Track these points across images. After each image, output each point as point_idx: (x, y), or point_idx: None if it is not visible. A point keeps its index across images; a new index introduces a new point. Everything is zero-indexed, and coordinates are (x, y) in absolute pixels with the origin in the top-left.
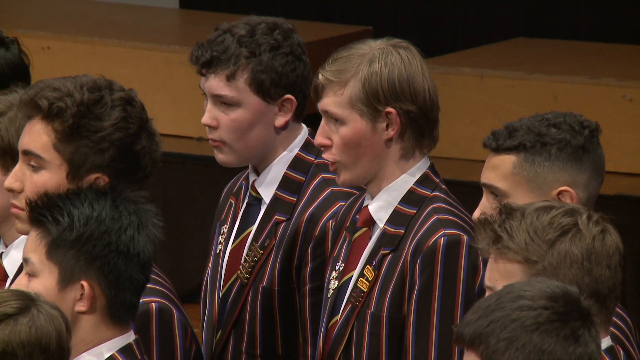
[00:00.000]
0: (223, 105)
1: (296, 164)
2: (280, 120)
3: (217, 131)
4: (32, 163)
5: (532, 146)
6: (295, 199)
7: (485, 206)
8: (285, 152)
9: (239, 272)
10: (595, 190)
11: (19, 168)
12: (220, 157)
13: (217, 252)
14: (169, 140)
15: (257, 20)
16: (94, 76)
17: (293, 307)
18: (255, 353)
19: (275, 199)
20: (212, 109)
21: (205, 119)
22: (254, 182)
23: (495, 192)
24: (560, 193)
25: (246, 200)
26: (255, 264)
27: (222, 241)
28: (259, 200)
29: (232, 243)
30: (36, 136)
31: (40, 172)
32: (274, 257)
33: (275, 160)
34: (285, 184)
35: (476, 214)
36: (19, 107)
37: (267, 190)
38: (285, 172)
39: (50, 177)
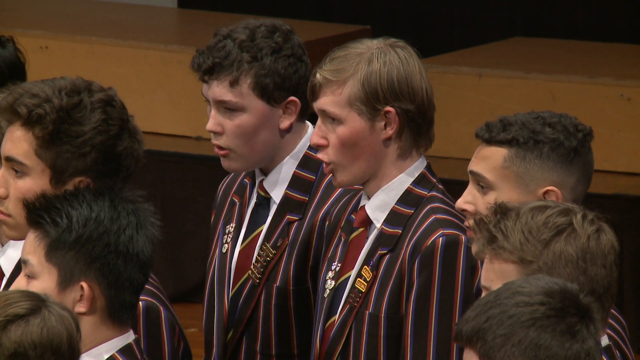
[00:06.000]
0: (227, 111)
1: (305, 162)
2: (285, 123)
3: (222, 137)
4: (16, 169)
5: (525, 142)
6: (306, 198)
7: (471, 193)
8: (293, 152)
9: (250, 272)
10: (581, 195)
11: (3, 174)
12: (226, 164)
13: (224, 251)
14: (167, 139)
15: (255, 23)
16: (72, 77)
17: (308, 306)
18: (271, 353)
19: (285, 198)
20: (216, 115)
21: (210, 125)
22: (261, 181)
23: (481, 182)
24: (546, 192)
25: (254, 200)
26: (268, 263)
27: (228, 241)
28: (267, 200)
29: (242, 243)
30: (17, 142)
31: (24, 179)
32: (287, 257)
33: (284, 160)
34: (296, 183)
35: (460, 202)
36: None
37: (276, 189)
38: (294, 172)
39: (34, 183)
